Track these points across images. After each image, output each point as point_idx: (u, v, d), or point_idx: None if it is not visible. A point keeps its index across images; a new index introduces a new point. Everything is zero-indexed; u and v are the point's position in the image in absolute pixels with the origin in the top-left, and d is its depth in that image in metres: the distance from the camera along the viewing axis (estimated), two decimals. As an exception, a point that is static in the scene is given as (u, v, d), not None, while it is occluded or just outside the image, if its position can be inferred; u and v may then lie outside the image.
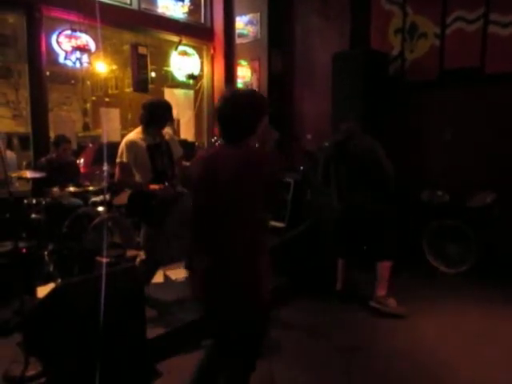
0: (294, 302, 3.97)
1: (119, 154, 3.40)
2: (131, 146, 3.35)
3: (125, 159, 3.34)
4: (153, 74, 6.53)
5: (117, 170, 3.41)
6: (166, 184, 3.38)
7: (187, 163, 3.60)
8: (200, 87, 6.68)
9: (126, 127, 8.79)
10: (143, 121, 3.44)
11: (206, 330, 2.07)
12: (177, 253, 3.56)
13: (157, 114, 3.42)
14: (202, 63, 6.58)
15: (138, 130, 3.48)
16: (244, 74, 6.45)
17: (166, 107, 3.51)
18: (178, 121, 6.37)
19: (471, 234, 4.47)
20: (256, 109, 1.87)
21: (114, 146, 5.73)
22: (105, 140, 6.23)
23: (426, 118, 5.15)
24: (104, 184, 4.23)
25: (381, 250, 3.84)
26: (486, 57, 4.83)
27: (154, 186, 3.35)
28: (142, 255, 3.52)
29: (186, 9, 6.31)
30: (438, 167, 5.08)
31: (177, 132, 6.28)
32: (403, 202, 4.61)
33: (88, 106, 8.44)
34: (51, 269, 3.88)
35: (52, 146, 4.64)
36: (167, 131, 3.63)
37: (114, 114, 5.93)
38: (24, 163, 5.76)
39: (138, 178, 3.41)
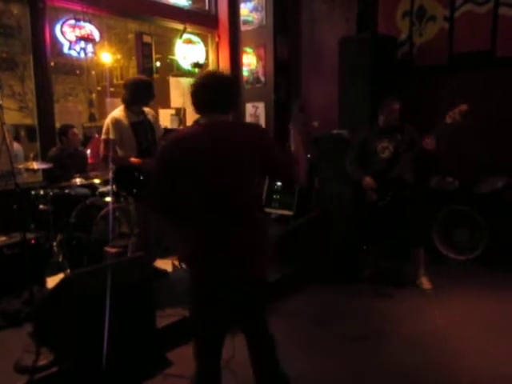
0: (303, 291, 3.96)
1: (104, 130, 3.50)
2: (116, 123, 3.44)
3: (111, 136, 3.43)
4: (158, 64, 6.46)
5: (101, 147, 3.51)
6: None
7: None
8: (205, 76, 6.62)
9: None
10: (126, 100, 3.51)
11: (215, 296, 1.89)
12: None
13: (138, 93, 3.49)
14: (207, 51, 6.50)
15: (122, 108, 3.54)
16: (250, 62, 6.38)
17: (148, 85, 3.57)
18: (184, 110, 6.31)
19: (481, 220, 4.42)
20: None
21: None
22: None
23: (435, 103, 5.06)
24: (111, 174, 4.23)
25: (419, 235, 4.04)
26: (496, 40, 4.72)
27: (134, 160, 3.44)
28: (135, 230, 3.61)
29: (189, -4, 6.23)
30: (448, 153, 5.00)
31: (183, 121, 6.24)
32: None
33: (93, 96, 8.41)
34: (60, 259, 3.90)
35: (60, 136, 4.64)
36: (149, 110, 3.71)
37: (120, 104, 5.89)
38: (31, 155, 5.76)
39: (121, 154, 3.50)
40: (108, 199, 4.15)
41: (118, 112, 3.52)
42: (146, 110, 3.64)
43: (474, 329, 3.28)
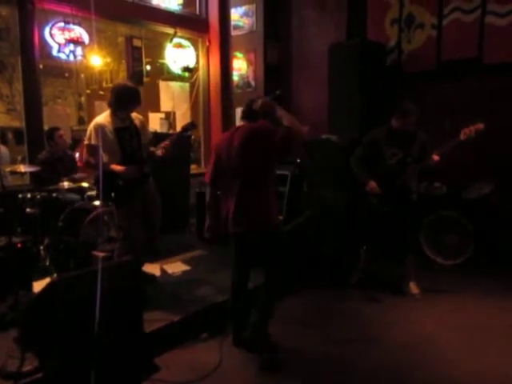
0: (293, 293, 3.96)
1: (87, 136, 3.46)
2: (99, 128, 3.39)
3: (93, 141, 3.39)
4: (148, 67, 6.45)
5: (84, 152, 3.49)
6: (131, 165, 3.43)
7: (154, 148, 3.63)
8: (196, 80, 6.63)
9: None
10: (111, 104, 3.47)
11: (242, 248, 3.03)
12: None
13: (123, 99, 3.45)
14: (197, 55, 6.51)
15: (107, 113, 3.51)
16: (240, 66, 6.40)
17: (133, 92, 3.51)
18: (174, 114, 6.32)
19: (468, 225, 4.46)
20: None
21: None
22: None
23: (423, 109, 5.11)
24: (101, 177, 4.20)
25: (415, 242, 4.18)
26: (483, 47, 4.80)
27: (116, 167, 3.39)
28: (120, 235, 3.58)
29: (180, 0, 6.24)
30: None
31: (173, 125, 6.23)
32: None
33: (82, 99, 8.35)
34: (47, 263, 3.86)
35: (47, 139, 4.62)
36: (137, 116, 3.66)
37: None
38: (19, 158, 5.70)
39: (106, 159, 3.44)
40: (96, 203, 4.12)
41: (102, 117, 3.48)
42: (134, 115, 3.60)
43: (462, 333, 3.30)
